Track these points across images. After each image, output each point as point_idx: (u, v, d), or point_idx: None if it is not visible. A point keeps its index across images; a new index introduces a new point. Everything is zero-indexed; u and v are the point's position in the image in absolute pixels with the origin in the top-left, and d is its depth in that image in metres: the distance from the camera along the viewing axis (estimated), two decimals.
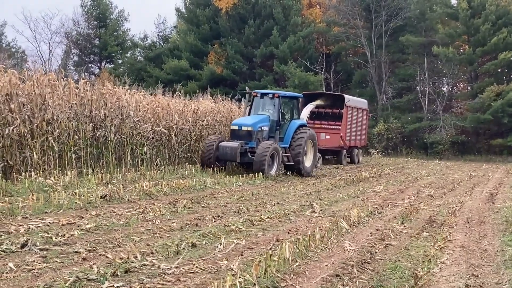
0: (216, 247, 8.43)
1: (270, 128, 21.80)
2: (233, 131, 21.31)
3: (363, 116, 35.01)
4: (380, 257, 8.45)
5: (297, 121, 23.00)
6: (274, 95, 22.30)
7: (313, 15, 54.43)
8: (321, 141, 29.29)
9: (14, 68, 18.65)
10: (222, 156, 20.71)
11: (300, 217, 12.01)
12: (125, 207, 11.79)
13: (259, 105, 22.90)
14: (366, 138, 36.86)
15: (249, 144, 20.78)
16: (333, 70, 51.43)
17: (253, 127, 20.93)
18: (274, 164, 20.76)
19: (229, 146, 20.44)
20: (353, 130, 33.23)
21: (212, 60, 52.74)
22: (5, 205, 10.17)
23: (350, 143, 32.80)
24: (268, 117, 21.97)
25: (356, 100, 35.02)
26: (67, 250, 7.74)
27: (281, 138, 22.07)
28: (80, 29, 62.61)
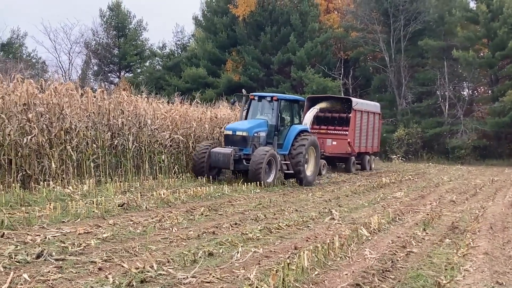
0: (233, 255, 8.29)
1: (268, 133, 20.30)
2: (227, 137, 19.86)
3: (374, 121, 32.66)
4: (402, 265, 8.25)
5: (297, 126, 21.42)
6: (272, 98, 20.70)
7: (330, 20, 54.28)
8: (327, 148, 28.00)
9: (34, 78, 18.73)
10: (214, 164, 19.29)
11: (319, 224, 11.83)
12: (142, 215, 11.71)
13: (256, 109, 21.52)
14: (379, 143, 34.72)
15: (244, 150, 19.35)
16: (352, 75, 51.17)
17: (249, 132, 19.50)
18: (271, 172, 19.33)
19: (222, 153, 18.97)
20: (363, 135, 30.95)
21: (229, 68, 52.81)
22: (22, 215, 10.12)
23: (360, 149, 30.63)
24: (266, 121, 20.50)
25: (366, 103, 33.26)
26: (83, 260, 7.64)
27: (280, 144, 20.59)
28: (99, 39, 63.08)
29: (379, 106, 34.75)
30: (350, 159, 29.63)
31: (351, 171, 29.13)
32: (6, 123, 13.87)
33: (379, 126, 33.88)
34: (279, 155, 19.70)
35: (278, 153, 19.72)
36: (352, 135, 29.26)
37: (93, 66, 64.75)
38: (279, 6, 51.27)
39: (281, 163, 19.80)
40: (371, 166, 32.60)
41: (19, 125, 14.41)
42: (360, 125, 30.38)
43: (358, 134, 30.19)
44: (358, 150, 30.19)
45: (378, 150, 35.03)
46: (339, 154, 28.91)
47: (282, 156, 20.21)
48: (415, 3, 46.95)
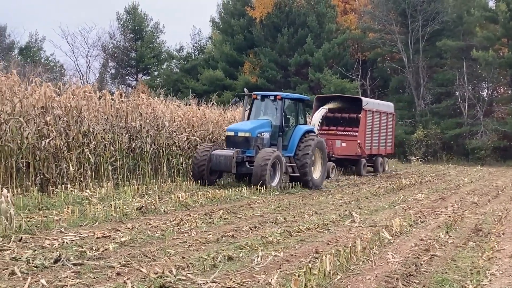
0: (253, 259, 8.14)
1: (271, 134, 19.28)
2: (229, 138, 18.88)
3: (387, 121, 31.13)
4: (426, 269, 8.06)
5: (303, 126, 20.34)
6: (276, 97, 19.63)
7: (348, 21, 54.06)
8: (336, 149, 26.97)
9: (52, 82, 18.75)
10: (216, 167, 18.20)
11: (340, 227, 11.65)
12: (160, 218, 11.60)
13: (259, 109, 20.49)
14: (393, 145, 33.01)
15: (247, 152, 18.33)
16: (370, 76, 50.90)
17: (251, 132, 18.48)
18: (276, 175, 18.22)
19: (223, 155, 17.95)
20: (374, 136, 29.46)
21: (247, 70, 52.79)
22: (40, 219, 10.05)
23: (371, 151, 29.25)
24: (269, 121, 19.47)
25: (378, 103, 32.03)
26: (101, 264, 7.54)
27: (284, 146, 19.58)
28: (116, 42, 63.37)
29: (393, 106, 33.54)
30: (361, 161, 28.17)
31: (362, 174, 27.75)
32: (24, 127, 13.85)
33: (393, 127, 32.47)
34: (284, 157, 18.70)
35: (283, 155, 18.73)
36: (362, 136, 27.94)
37: (111, 69, 65.10)
38: (296, 8, 51.16)
39: (286, 166, 18.87)
40: (384, 168, 31.17)
41: (37, 129, 14.39)
42: (372, 126, 29.05)
43: (369, 135, 28.89)
44: (369, 152, 28.98)
45: (392, 152, 33.53)
46: (349, 156, 27.70)
47: (287, 158, 19.25)
48: (433, 3, 46.52)
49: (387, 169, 31.56)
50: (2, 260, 7.47)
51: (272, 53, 50.62)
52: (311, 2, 51.59)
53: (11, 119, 13.55)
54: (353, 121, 28.18)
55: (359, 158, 27.95)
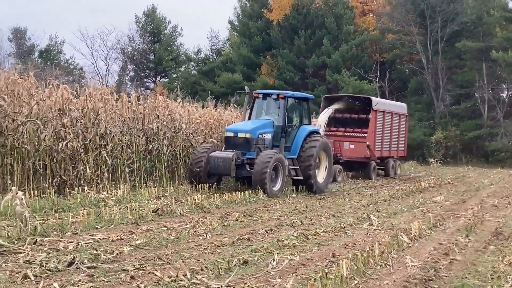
0: (268, 263, 8.04)
1: (274, 135, 18.27)
2: (228, 139, 17.82)
3: (400, 122, 29.65)
4: (445, 274, 7.90)
5: (307, 127, 19.24)
6: (278, 96, 18.67)
7: (366, 23, 53.81)
8: (344, 151, 25.61)
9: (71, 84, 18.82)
10: (214, 170, 17.13)
11: (357, 230, 11.51)
12: (176, 221, 11.54)
13: (261, 108, 19.43)
14: (405, 147, 31.31)
15: (247, 154, 17.30)
16: (388, 78, 50.62)
17: (252, 133, 17.47)
18: (278, 179, 17.17)
19: (222, 157, 16.89)
20: (385, 138, 28.03)
21: (264, 72, 52.71)
22: (56, 221, 10.03)
23: (381, 154, 27.75)
24: (271, 122, 18.45)
25: (389, 103, 30.66)
26: (115, 267, 7.48)
27: (287, 147, 18.49)
28: (135, 45, 63.61)
29: (406, 107, 32.16)
30: (370, 164, 26.77)
31: (371, 178, 26.32)
32: (41, 129, 13.88)
33: (406, 129, 30.99)
34: (286, 159, 17.72)
35: (286, 157, 17.75)
36: (371, 137, 26.60)
37: (130, 72, 65.35)
38: (314, 9, 51.01)
39: (289, 168, 17.83)
40: (396, 172, 29.47)
41: (54, 131, 14.41)
42: (382, 127, 27.63)
43: (380, 136, 27.48)
44: (379, 155, 27.53)
45: (404, 155, 31.89)
46: (358, 158, 26.31)
47: (290, 160, 18.22)
48: (452, 4, 46.12)
49: (399, 173, 30.03)
50: (15, 263, 7.44)
51: (289, 55, 50.52)
52: (329, 4, 51.42)
53: (28, 121, 13.58)
54: (362, 122, 27.02)
55: (368, 160, 26.69)
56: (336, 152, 24.35)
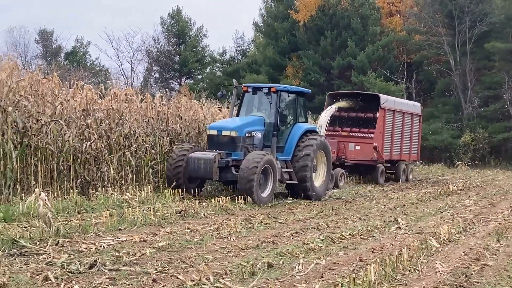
0: (294, 267, 7.83)
1: (264, 134, 16.36)
2: (211, 138, 15.98)
3: (412, 123, 27.60)
4: (477, 280, 7.62)
5: (303, 125, 17.33)
6: (270, 90, 16.63)
7: (393, 24, 53.29)
8: (349, 153, 23.49)
9: (97, 85, 18.84)
10: (193, 172, 15.33)
11: (385, 234, 11.25)
12: (200, 223, 11.40)
13: (251, 104, 17.59)
14: (419, 150, 29.24)
15: (233, 155, 15.43)
16: (415, 79, 50.07)
17: (238, 131, 15.60)
18: (268, 184, 15.30)
19: (203, 158, 15.07)
20: (395, 139, 25.96)
21: (289, 73, 52.49)
22: (78, 222, 9.95)
23: (391, 156, 25.78)
24: (262, 119, 16.59)
25: (400, 101, 28.25)
26: (137, 270, 7.33)
27: (280, 147, 16.55)
28: (160, 46, 63.78)
29: (419, 106, 30.12)
30: (378, 168, 24.70)
31: (379, 182, 24.38)
32: (65, 129, 13.84)
33: (419, 130, 28.80)
34: (278, 161, 15.94)
35: (278, 159, 16.00)
36: (379, 138, 24.52)
37: (155, 73, 65.56)
38: (340, 10, 50.66)
39: (281, 172, 15.98)
40: (408, 176, 27.29)
41: (78, 131, 14.36)
42: (392, 127, 25.61)
43: (389, 137, 25.43)
44: (388, 157, 25.58)
45: (417, 159, 29.79)
46: (364, 161, 24.34)
47: (283, 162, 16.40)
48: (480, 4, 45.37)
49: (411, 178, 27.81)
50: (37, 264, 7.35)
51: (315, 56, 50.24)
52: (355, 5, 51.03)
53: (52, 122, 13.55)
54: (369, 121, 25.03)
55: (375, 163, 24.66)
56: (341, 154, 23.04)
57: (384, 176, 25.31)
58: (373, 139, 24.08)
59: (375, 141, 24.10)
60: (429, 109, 48.60)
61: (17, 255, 7.73)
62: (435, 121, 45.78)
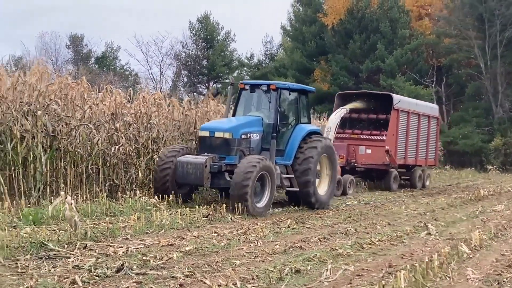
0: (322, 273, 7.73)
1: (263, 135, 14.90)
2: (203, 140, 14.50)
3: (429, 125, 25.95)
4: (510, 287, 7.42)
5: (305, 126, 15.81)
6: (269, 87, 15.15)
7: (422, 27, 52.71)
8: (359, 157, 22.19)
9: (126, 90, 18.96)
10: (182, 178, 13.88)
11: (414, 239, 11.09)
12: (227, 227, 11.37)
13: (249, 103, 16.17)
14: (437, 155, 27.71)
15: (227, 159, 14.03)
16: (445, 83, 49.49)
17: (233, 133, 14.15)
18: (264, 192, 13.79)
19: (192, 162, 13.62)
20: (410, 142, 24.32)
21: (318, 77, 52.27)
22: (106, 226, 9.97)
23: (405, 161, 24.20)
24: (260, 119, 15.11)
25: (416, 102, 26.43)
26: (163, 274, 7.32)
27: (280, 151, 15.05)
28: (188, 51, 64.03)
29: (437, 108, 28.59)
30: (391, 173, 23.04)
31: (392, 189, 22.77)
32: (94, 133, 13.93)
33: (437, 133, 27.13)
34: (278, 166, 14.63)
35: (277, 164, 14.64)
36: (392, 141, 22.89)
37: (183, 78, 65.80)
38: (369, 14, 50.32)
39: (281, 178, 14.64)
40: (425, 183, 25.61)
41: (107, 135, 14.47)
42: (406, 129, 23.93)
43: (403, 140, 23.81)
44: (402, 162, 24.03)
45: (435, 164, 28.07)
46: (375, 165, 22.78)
47: (283, 167, 15.05)
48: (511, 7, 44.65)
49: (428, 184, 26.00)
50: (64, 268, 7.37)
51: (343, 59, 49.96)
52: (384, 8, 50.64)
53: (81, 125, 13.65)
54: (382, 123, 23.56)
55: (387, 168, 23.06)
56: (350, 158, 21.95)
57: (398, 182, 23.81)
58: (385, 142, 22.61)
59: (388, 144, 22.60)
60: (459, 113, 47.97)
61: (45, 258, 7.77)
62: (465, 125, 45.20)
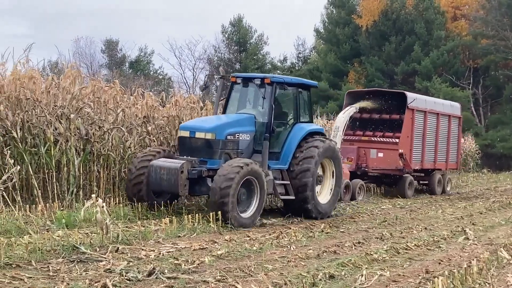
0: (356, 279, 7.54)
1: (256, 136, 13.15)
2: (183, 141, 12.75)
3: (450, 126, 23.65)
4: None
5: (305, 125, 13.97)
6: (263, 81, 13.24)
7: (458, 28, 51.91)
8: (370, 161, 20.40)
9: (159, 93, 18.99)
10: (155, 185, 12.08)
11: (452, 244, 10.81)
12: (259, 230, 11.26)
13: (243, 99, 14.38)
14: (459, 158, 25.46)
15: (209, 163, 12.24)
16: (482, 84, 48.60)
17: (216, 133, 12.37)
18: (251, 201, 12.00)
19: (166, 167, 11.82)
20: (428, 145, 22.17)
21: (352, 79, 51.88)
22: (138, 229, 9.93)
23: (423, 165, 22.05)
24: (252, 117, 13.30)
25: (433, 101, 24.17)
26: (195, 279, 7.21)
27: (275, 153, 13.25)
28: (221, 55, 64.22)
29: (459, 107, 25.76)
30: (405, 179, 20.69)
31: (407, 195, 20.47)
32: (127, 136, 13.95)
33: (459, 134, 24.78)
34: (271, 170, 12.88)
35: (271, 168, 12.91)
36: (406, 144, 20.85)
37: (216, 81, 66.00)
38: (404, 15, 49.77)
39: (274, 184, 12.84)
40: (445, 188, 23.28)
41: (139, 138, 14.48)
42: (423, 131, 21.80)
43: (419, 143, 21.67)
44: (419, 166, 21.94)
45: (456, 167, 25.66)
46: (388, 170, 20.73)
47: (278, 172, 13.20)
48: None
49: (448, 190, 23.75)
50: (96, 271, 7.31)
51: (378, 61, 49.51)
52: (419, 9, 50.02)
53: (114, 129, 13.69)
54: (395, 124, 21.33)
55: (401, 173, 20.69)
56: (361, 162, 20.30)
57: (413, 188, 21.62)
58: (398, 145, 20.56)
59: (401, 147, 20.55)
60: (497, 116, 47.08)
61: (76, 261, 7.73)
62: (503, 128, 44.30)
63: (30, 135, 12.41)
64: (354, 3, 55.31)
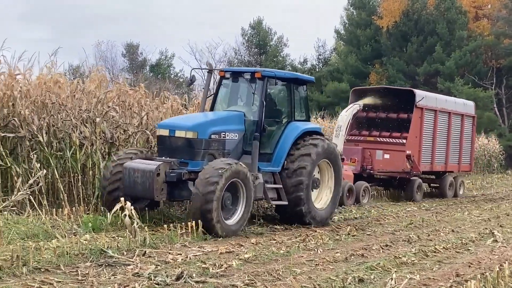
0: (386, 282, 7.46)
1: (245, 135, 12.07)
2: (162, 140, 11.71)
3: (462, 125, 22.37)
4: None
5: (300, 124, 12.87)
6: (254, 75, 12.21)
7: (480, 27, 51.38)
8: (376, 163, 19.33)
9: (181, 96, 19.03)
10: (129, 190, 10.86)
11: (481, 247, 10.67)
12: (286, 234, 11.22)
13: (234, 95, 13.40)
14: (472, 159, 24.01)
15: (190, 164, 11.18)
16: (505, 85, 48.03)
17: (199, 132, 11.28)
18: (237, 206, 10.97)
19: (141, 170, 10.75)
20: (438, 145, 20.94)
21: (373, 80, 51.58)
22: (165, 232, 9.92)
23: (433, 167, 20.86)
24: (241, 115, 12.22)
25: (445, 99, 22.66)
26: (223, 283, 7.18)
27: (266, 154, 12.21)
28: (241, 57, 64.27)
29: (472, 105, 24.26)
30: (413, 182, 19.65)
31: (415, 199, 19.43)
32: (152, 139, 13.96)
33: (473, 134, 23.46)
34: (261, 173, 11.77)
35: (261, 171, 11.84)
36: (414, 144, 19.74)
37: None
38: (425, 15, 49.40)
39: (264, 188, 11.76)
40: (457, 191, 22.01)
41: None
42: (433, 131, 20.65)
43: (428, 144, 20.50)
44: (428, 168, 20.75)
45: (469, 169, 24.13)
46: (395, 172, 19.59)
47: (270, 175, 12.13)
48: None
49: (461, 193, 22.44)
50: (124, 275, 7.31)
51: (399, 62, 49.16)
52: (440, 9, 49.61)
53: (139, 132, 13.71)
54: (403, 124, 20.16)
55: (409, 176, 19.60)
56: (366, 164, 19.28)
57: (423, 192, 20.62)
58: (405, 146, 19.34)
59: (409, 148, 19.37)
60: None
61: (105, 265, 7.73)
62: None
63: (56, 139, 12.46)
64: (375, 4, 55.09)
